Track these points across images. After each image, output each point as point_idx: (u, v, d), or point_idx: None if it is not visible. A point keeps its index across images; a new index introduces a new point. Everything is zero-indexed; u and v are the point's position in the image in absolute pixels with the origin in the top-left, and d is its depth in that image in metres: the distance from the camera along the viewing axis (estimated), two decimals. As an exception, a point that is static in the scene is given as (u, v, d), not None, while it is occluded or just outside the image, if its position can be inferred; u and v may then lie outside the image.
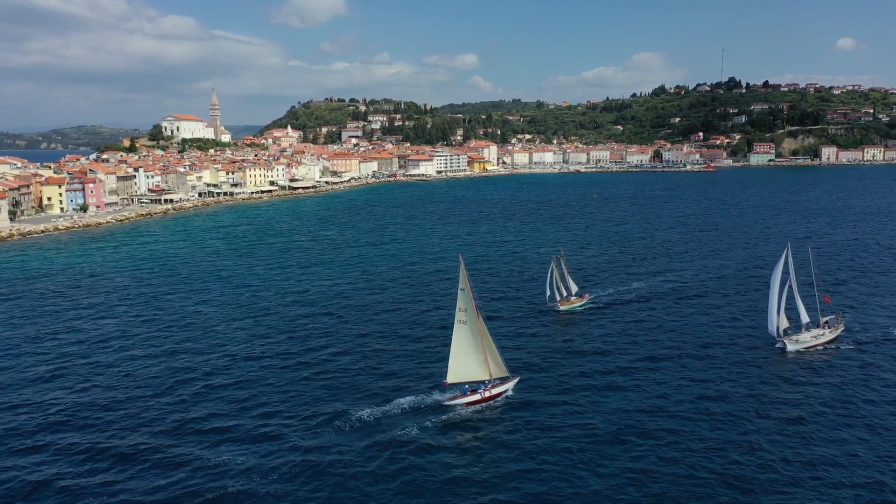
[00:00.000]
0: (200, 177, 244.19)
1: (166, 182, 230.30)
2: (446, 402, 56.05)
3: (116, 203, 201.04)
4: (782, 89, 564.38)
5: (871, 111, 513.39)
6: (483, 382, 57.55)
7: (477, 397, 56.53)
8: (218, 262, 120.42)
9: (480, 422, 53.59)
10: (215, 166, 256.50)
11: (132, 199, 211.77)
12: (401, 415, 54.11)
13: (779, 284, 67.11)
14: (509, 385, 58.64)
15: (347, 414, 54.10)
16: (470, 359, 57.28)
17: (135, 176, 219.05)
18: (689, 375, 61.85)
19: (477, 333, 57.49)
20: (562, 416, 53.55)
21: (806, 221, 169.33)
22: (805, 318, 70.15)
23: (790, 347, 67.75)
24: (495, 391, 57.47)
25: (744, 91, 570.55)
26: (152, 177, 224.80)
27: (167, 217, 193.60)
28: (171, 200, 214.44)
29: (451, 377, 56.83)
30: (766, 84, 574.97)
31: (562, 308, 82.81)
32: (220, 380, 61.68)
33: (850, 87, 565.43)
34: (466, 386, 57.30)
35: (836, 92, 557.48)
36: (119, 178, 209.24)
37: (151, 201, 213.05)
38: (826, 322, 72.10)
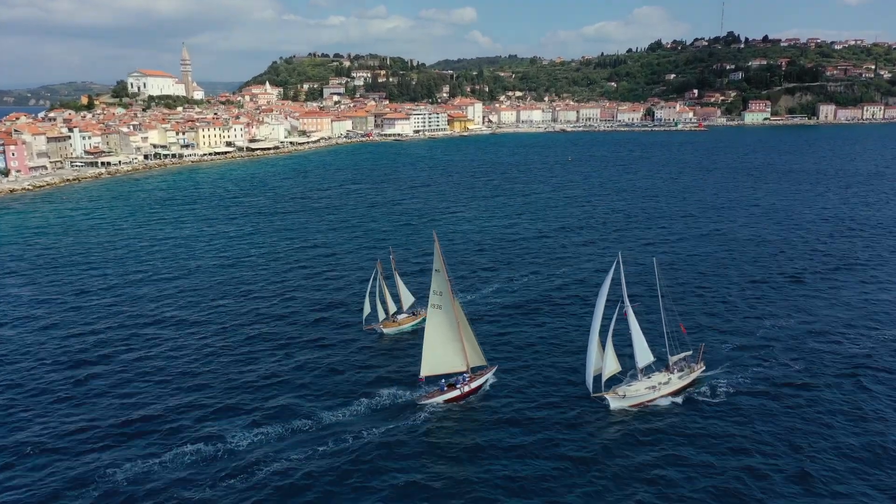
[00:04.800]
0: (146, 137, 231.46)
1: (107, 143, 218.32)
2: (422, 401, 49.43)
3: (45, 167, 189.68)
4: (782, 45, 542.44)
5: (873, 67, 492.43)
6: (462, 375, 51.74)
7: (456, 393, 50.40)
8: (94, 236, 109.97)
9: (459, 420, 47.61)
10: (164, 126, 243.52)
11: (65, 163, 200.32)
12: (368, 417, 47.61)
13: (601, 313, 47.79)
14: (488, 376, 52.91)
15: (305, 417, 47.65)
16: (446, 348, 51.47)
17: (69, 137, 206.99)
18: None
19: (454, 319, 51.46)
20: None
21: (733, 191, 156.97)
22: (644, 357, 50.29)
23: (615, 405, 47.68)
24: (474, 385, 51.63)
25: (742, 46, 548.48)
26: (89, 137, 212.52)
27: (97, 182, 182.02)
28: (108, 164, 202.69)
29: (426, 370, 51.01)
30: (765, 39, 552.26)
31: (386, 331, 63.67)
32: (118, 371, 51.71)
33: (853, 43, 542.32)
34: (443, 380, 51.15)
35: (837, 47, 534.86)
36: (50, 140, 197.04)
37: (86, 164, 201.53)
38: (677, 362, 51.68)
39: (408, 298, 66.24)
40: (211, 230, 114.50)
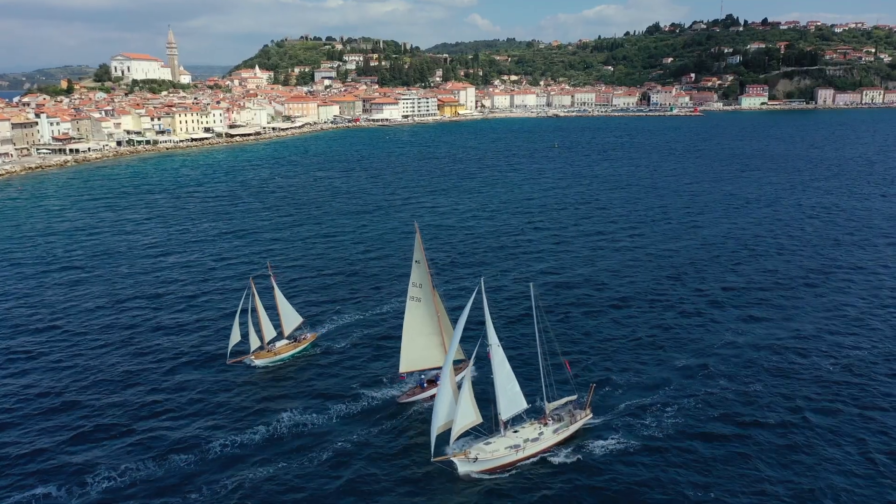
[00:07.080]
0: (119, 123, 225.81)
1: (78, 129, 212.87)
2: (403, 400, 47.46)
3: (10, 154, 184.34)
4: (781, 27, 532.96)
5: (873, 51, 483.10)
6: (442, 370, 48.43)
7: (437, 389, 46.51)
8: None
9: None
10: (138, 111, 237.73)
11: (32, 150, 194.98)
12: (346, 417, 45.29)
13: (455, 351, 41.12)
14: (466, 370, 48.34)
15: (282, 418, 45.10)
16: (425, 342, 49.38)
17: (36, 123, 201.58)
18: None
19: (433, 312, 49.53)
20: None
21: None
22: (511, 406, 40.97)
23: (464, 469, 38.58)
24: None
25: (741, 29, 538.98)
26: (58, 123, 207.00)
27: (62, 171, 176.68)
28: (76, 151, 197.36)
29: (405, 366, 48.68)
30: (764, 22, 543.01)
31: (257, 362, 53.29)
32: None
33: (853, 26, 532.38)
34: (422, 376, 49.24)
35: (837, 30, 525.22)
36: (15, 126, 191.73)
37: (53, 151, 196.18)
38: (557, 410, 42.74)
39: (291, 321, 56.67)
40: (151, 223, 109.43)
